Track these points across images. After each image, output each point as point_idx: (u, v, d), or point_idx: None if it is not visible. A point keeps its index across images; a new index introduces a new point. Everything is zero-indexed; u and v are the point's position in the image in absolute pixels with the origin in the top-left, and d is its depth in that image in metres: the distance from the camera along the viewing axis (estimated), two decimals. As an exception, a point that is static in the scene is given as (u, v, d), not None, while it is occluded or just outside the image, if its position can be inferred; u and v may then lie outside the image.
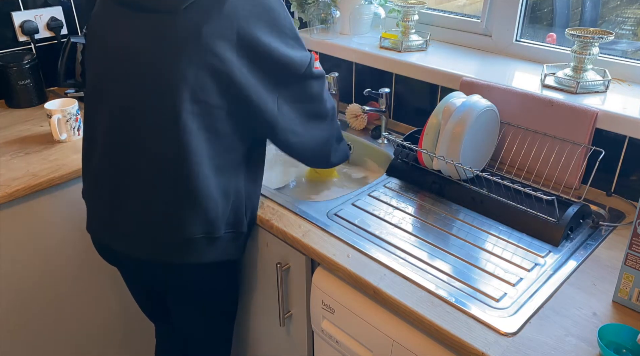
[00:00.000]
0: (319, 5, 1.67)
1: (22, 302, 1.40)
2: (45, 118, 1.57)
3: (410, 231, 1.13)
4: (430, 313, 0.90)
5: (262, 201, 1.23)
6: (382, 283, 0.97)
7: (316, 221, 1.15)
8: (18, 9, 1.73)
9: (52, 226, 1.39)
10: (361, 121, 1.58)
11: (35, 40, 1.77)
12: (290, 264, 1.19)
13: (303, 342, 1.27)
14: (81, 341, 1.57)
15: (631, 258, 0.89)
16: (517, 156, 1.30)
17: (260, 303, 1.36)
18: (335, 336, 1.10)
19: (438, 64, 1.45)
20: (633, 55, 1.32)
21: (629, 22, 1.32)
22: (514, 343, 0.84)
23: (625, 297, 0.91)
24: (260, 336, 1.43)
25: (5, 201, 1.26)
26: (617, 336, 0.84)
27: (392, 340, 0.97)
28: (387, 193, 1.27)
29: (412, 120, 1.58)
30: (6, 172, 1.33)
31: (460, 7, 1.63)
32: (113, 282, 1.58)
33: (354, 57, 1.62)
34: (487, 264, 1.02)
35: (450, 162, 1.18)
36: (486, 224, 1.15)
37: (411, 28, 1.57)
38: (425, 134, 1.24)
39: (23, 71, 1.67)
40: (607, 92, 1.26)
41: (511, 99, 1.29)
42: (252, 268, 1.33)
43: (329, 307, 1.09)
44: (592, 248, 1.06)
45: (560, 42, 1.44)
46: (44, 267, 1.41)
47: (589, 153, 1.19)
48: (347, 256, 1.05)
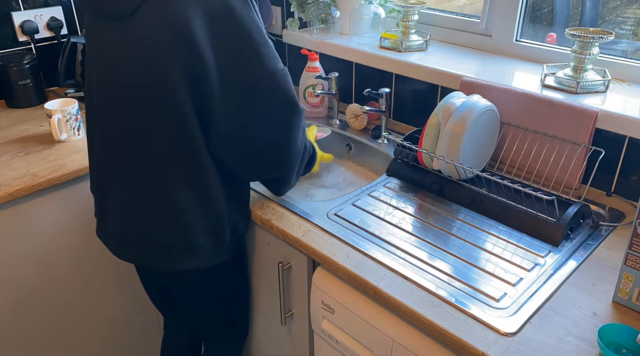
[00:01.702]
0: (319, 5, 1.67)
1: (22, 302, 1.40)
2: (45, 118, 1.57)
3: (410, 231, 1.13)
4: (430, 313, 0.90)
5: (262, 201, 1.23)
6: (382, 283, 0.97)
7: (316, 221, 1.15)
8: (18, 9, 1.73)
9: (52, 226, 1.39)
10: (361, 121, 1.58)
11: (35, 40, 1.77)
12: (291, 263, 1.19)
13: (304, 342, 1.27)
14: (81, 340, 1.57)
15: (631, 258, 0.89)
16: (517, 156, 1.30)
17: (262, 302, 1.36)
18: (335, 336, 1.10)
19: (438, 64, 1.45)
20: (633, 55, 1.32)
21: (629, 22, 1.32)
22: (514, 343, 0.84)
23: (625, 297, 0.91)
24: (261, 335, 1.43)
25: (5, 201, 1.26)
26: (617, 336, 0.84)
27: (392, 340, 0.97)
28: (387, 193, 1.27)
29: (412, 120, 1.58)
30: (6, 172, 1.33)
31: (460, 7, 1.63)
32: (113, 282, 1.58)
33: (354, 57, 1.62)
34: (487, 264, 1.03)
35: (450, 162, 1.18)
36: (486, 224, 1.15)
37: (411, 28, 1.57)
38: (425, 134, 1.24)
39: (23, 71, 1.67)
40: (607, 92, 1.26)
41: (511, 99, 1.29)
42: (254, 267, 1.33)
43: (329, 307, 1.09)
44: (592, 248, 1.06)
45: (560, 42, 1.44)
46: (44, 267, 1.41)
47: (589, 153, 1.19)
48: (347, 256, 1.05)
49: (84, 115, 1.54)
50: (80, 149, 1.45)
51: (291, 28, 1.76)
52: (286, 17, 1.80)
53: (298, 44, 1.77)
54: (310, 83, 1.65)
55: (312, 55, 1.64)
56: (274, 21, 1.88)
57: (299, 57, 1.74)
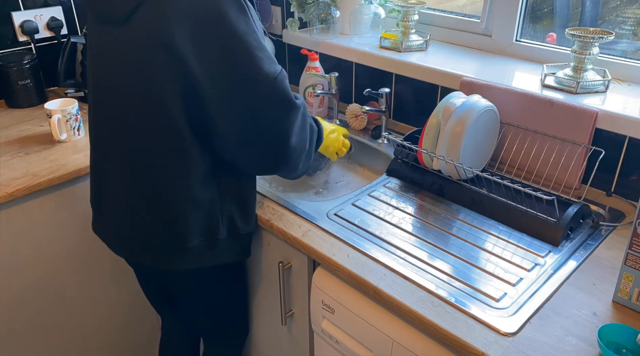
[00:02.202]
0: (319, 5, 1.67)
1: (22, 302, 1.40)
2: (45, 118, 1.57)
3: (410, 231, 1.13)
4: (430, 313, 0.90)
5: (262, 201, 1.23)
6: (382, 283, 0.97)
7: (316, 221, 1.15)
8: (18, 9, 1.73)
9: (52, 226, 1.39)
10: (361, 121, 1.58)
11: (35, 40, 1.77)
12: (292, 263, 1.19)
13: (304, 341, 1.27)
14: (81, 340, 1.57)
15: (631, 258, 0.89)
16: (517, 156, 1.30)
17: (262, 301, 1.36)
18: (335, 336, 1.10)
19: (438, 64, 1.45)
20: (633, 55, 1.32)
21: (629, 22, 1.32)
22: (514, 343, 0.84)
23: (625, 297, 0.91)
24: (262, 334, 1.43)
25: (5, 201, 1.26)
26: (617, 336, 0.84)
27: (392, 340, 0.97)
28: (387, 193, 1.27)
29: (412, 120, 1.58)
30: (6, 172, 1.33)
31: (460, 7, 1.62)
32: (113, 282, 1.58)
33: (354, 57, 1.62)
34: (487, 264, 1.03)
35: (450, 162, 1.18)
36: (486, 224, 1.15)
37: (411, 28, 1.57)
38: (426, 134, 1.24)
39: (23, 71, 1.67)
40: (607, 92, 1.26)
41: (511, 99, 1.29)
42: (254, 267, 1.33)
43: (329, 307, 1.09)
44: (592, 248, 1.06)
45: (560, 42, 1.44)
46: (43, 267, 1.41)
47: (589, 153, 1.20)
48: (347, 256, 1.05)
49: (84, 115, 1.54)
50: (81, 149, 1.45)
51: (291, 28, 1.76)
52: (286, 17, 1.80)
53: (298, 44, 1.77)
54: (310, 83, 1.65)
55: (312, 55, 1.64)
56: (274, 21, 1.88)
57: (299, 57, 1.74)
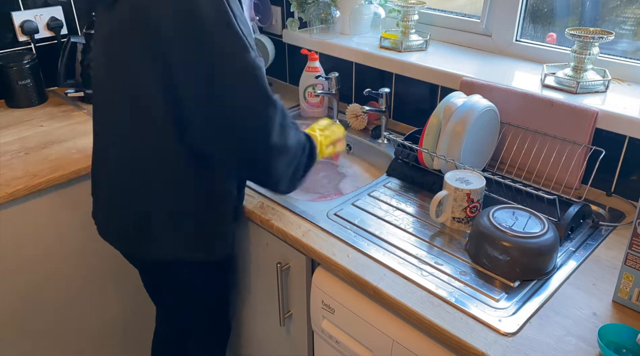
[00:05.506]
0: (319, 5, 1.67)
1: (23, 302, 1.40)
2: (46, 118, 1.57)
3: (410, 231, 1.13)
4: (430, 313, 0.90)
5: (261, 201, 1.23)
6: (382, 283, 0.97)
7: (316, 221, 1.15)
8: (18, 9, 1.73)
9: (52, 226, 1.39)
10: (361, 121, 1.58)
11: (35, 40, 1.77)
12: (290, 264, 1.19)
13: (303, 342, 1.27)
14: (81, 340, 1.57)
15: (631, 258, 0.89)
16: (517, 156, 1.30)
17: (261, 302, 1.36)
18: (335, 336, 1.10)
19: (438, 64, 1.45)
20: (633, 55, 1.32)
21: (629, 22, 1.32)
22: (514, 343, 0.84)
23: (625, 297, 0.91)
24: (260, 335, 1.43)
25: (5, 201, 1.26)
26: (617, 336, 0.84)
27: (392, 340, 0.97)
28: (387, 193, 1.27)
29: (412, 120, 1.58)
30: (6, 172, 1.33)
31: (460, 7, 1.62)
32: (113, 282, 1.58)
33: (354, 57, 1.62)
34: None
35: (451, 162, 1.18)
36: (486, 224, 1.14)
37: (411, 28, 1.57)
38: (426, 134, 1.24)
39: (23, 70, 1.67)
40: (607, 92, 1.26)
41: (511, 99, 1.29)
42: (252, 267, 1.33)
43: (329, 307, 1.09)
44: (592, 248, 1.06)
45: (560, 42, 1.44)
46: (44, 267, 1.41)
47: (589, 153, 1.19)
48: (347, 256, 1.05)
49: (84, 115, 1.54)
50: (81, 149, 1.45)
51: (291, 28, 1.76)
52: (286, 17, 1.80)
53: (298, 44, 1.77)
54: (310, 83, 1.65)
55: (312, 55, 1.64)
56: (274, 21, 1.88)
57: (299, 57, 1.74)
